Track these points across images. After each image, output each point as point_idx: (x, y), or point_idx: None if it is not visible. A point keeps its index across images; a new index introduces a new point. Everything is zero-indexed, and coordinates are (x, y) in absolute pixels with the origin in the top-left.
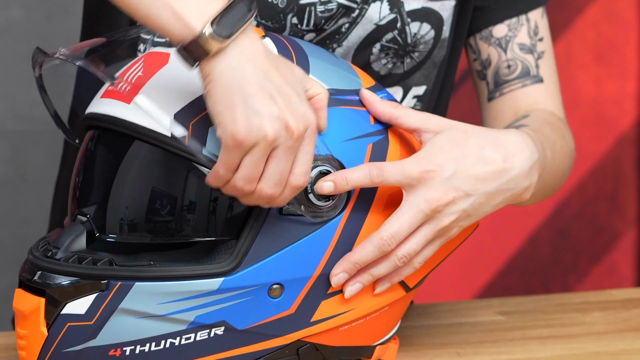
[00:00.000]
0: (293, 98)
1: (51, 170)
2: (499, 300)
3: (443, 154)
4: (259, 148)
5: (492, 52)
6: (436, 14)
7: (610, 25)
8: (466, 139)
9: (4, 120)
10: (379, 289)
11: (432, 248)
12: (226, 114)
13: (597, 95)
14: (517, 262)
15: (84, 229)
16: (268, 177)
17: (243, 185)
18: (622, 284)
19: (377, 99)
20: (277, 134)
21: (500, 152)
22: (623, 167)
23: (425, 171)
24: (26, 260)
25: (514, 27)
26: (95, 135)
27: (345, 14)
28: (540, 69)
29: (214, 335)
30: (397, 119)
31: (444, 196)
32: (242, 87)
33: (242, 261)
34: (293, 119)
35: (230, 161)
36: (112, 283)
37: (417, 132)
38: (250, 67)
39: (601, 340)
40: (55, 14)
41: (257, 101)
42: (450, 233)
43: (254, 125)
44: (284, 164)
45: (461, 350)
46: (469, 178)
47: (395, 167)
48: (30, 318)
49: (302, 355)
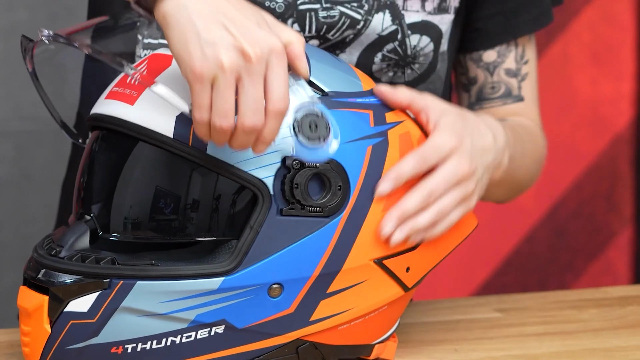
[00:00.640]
0: (250, 26)
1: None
2: (496, 297)
3: (461, 129)
4: (220, 78)
5: (480, 74)
6: (435, 27)
7: (606, 27)
8: (465, 117)
9: (8, 120)
10: (412, 239)
11: (457, 213)
12: (183, 52)
13: (594, 95)
14: (515, 260)
15: (88, 227)
16: (243, 108)
17: (220, 121)
18: (618, 281)
19: (393, 89)
20: (233, 62)
21: (488, 127)
22: (619, 166)
23: (455, 145)
24: (30, 258)
25: (502, 54)
26: (99, 136)
27: (350, 25)
28: (522, 90)
29: (214, 333)
30: (414, 100)
31: (469, 166)
32: (192, 21)
33: (242, 261)
34: (249, 44)
35: (200, 99)
36: (115, 282)
37: (425, 111)
38: (200, 3)
39: (597, 336)
40: (59, 15)
41: (210, 33)
42: (471, 203)
43: (209, 56)
44: (253, 91)
45: (459, 346)
46: (479, 150)
47: (432, 147)
48: (34, 315)
49: (301, 353)
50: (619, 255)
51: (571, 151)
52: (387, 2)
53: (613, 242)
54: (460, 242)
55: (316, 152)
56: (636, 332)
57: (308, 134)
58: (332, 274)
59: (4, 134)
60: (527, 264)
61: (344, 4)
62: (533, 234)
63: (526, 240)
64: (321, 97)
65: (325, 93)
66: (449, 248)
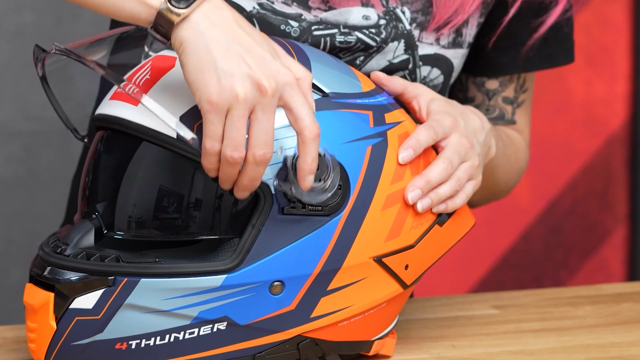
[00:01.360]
0: (265, 57)
1: (62, 169)
2: (493, 294)
3: (452, 110)
4: (235, 109)
5: (478, 96)
6: (447, 61)
7: (601, 29)
8: (453, 104)
9: (15, 121)
10: (435, 209)
11: (470, 186)
12: (199, 80)
13: (588, 96)
14: (511, 258)
15: (93, 226)
16: (255, 140)
17: (232, 152)
18: (612, 279)
19: (388, 76)
20: (248, 93)
21: (475, 115)
22: (613, 166)
23: (452, 124)
24: (36, 255)
25: (504, 84)
26: (104, 136)
27: (363, 49)
28: (516, 115)
29: (216, 330)
30: (407, 88)
31: (468, 141)
32: (209, 50)
33: (245, 259)
34: (265, 77)
35: (213, 128)
36: (119, 279)
37: (416, 98)
38: (217, 31)
39: (592, 333)
40: (65, 18)
41: (226, 63)
42: (479, 177)
43: (225, 86)
44: (266, 124)
45: (457, 342)
46: (471, 130)
47: (437, 122)
48: (39, 312)
49: (302, 349)
50: (613, 253)
51: (566, 151)
52: (404, 32)
53: (607, 240)
54: (458, 240)
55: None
56: (630, 329)
57: None
58: (333, 272)
59: (12, 134)
60: (523, 262)
61: (362, 29)
62: (529, 232)
63: (522, 238)
64: (322, 98)
65: (325, 94)
66: (447, 246)
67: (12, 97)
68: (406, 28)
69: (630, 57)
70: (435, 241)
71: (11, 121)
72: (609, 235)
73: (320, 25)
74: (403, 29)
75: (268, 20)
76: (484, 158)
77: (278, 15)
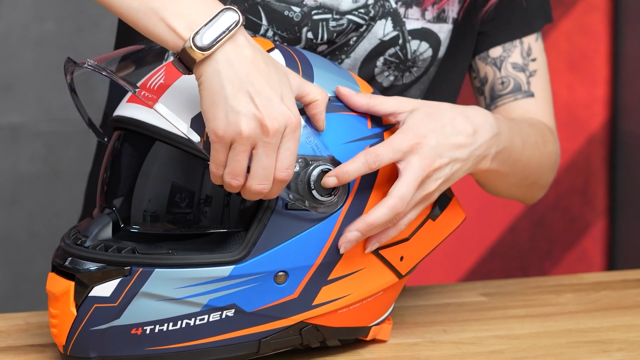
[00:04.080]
0: (273, 99)
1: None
2: (481, 283)
3: (424, 127)
4: (238, 144)
5: (489, 70)
6: (434, 35)
7: (581, 37)
8: (439, 113)
9: (39, 122)
10: (369, 248)
11: (416, 212)
12: (210, 112)
13: (570, 100)
14: (498, 249)
15: (110, 219)
16: (253, 174)
17: (230, 180)
18: (592, 268)
19: (353, 93)
20: (251, 131)
21: (469, 122)
22: (593, 164)
23: (414, 143)
24: (58, 247)
25: (508, 49)
26: (121, 136)
27: (354, 29)
28: (532, 85)
29: (225, 316)
30: (374, 107)
31: (432, 163)
32: (223, 87)
33: (251, 251)
34: (269, 118)
35: (217, 156)
36: (135, 269)
37: (394, 114)
38: (233, 71)
39: (573, 319)
40: (85, 26)
41: (236, 101)
42: (432, 198)
43: (231, 122)
44: (265, 160)
45: (448, 327)
46: (448, 146)
47: (386, 147)
48: (61, 299)
49: (304, 335)
50: (593, 245)
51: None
52: (390, 10)
53: (588, 232)
54: (449, 233)
55: (325, 207)
56: (608, 315)
57: (321, 191)
58: (333, 263)
59: (35, 134)
60: (509, 252)
61: (351, 12)
62: (515, 224)
63: (509, 231)
64: None
65: None
66: (440, 239)
67: (36, 100)
68: (392, 6)
69: (609, 63)
70: (429, 234)
71: (35, 122)
72: (589, 228)
73: (319, 10)
74: (390, 8)
75: (272, 7)
76: (476, 165)
77: (281, 2)
